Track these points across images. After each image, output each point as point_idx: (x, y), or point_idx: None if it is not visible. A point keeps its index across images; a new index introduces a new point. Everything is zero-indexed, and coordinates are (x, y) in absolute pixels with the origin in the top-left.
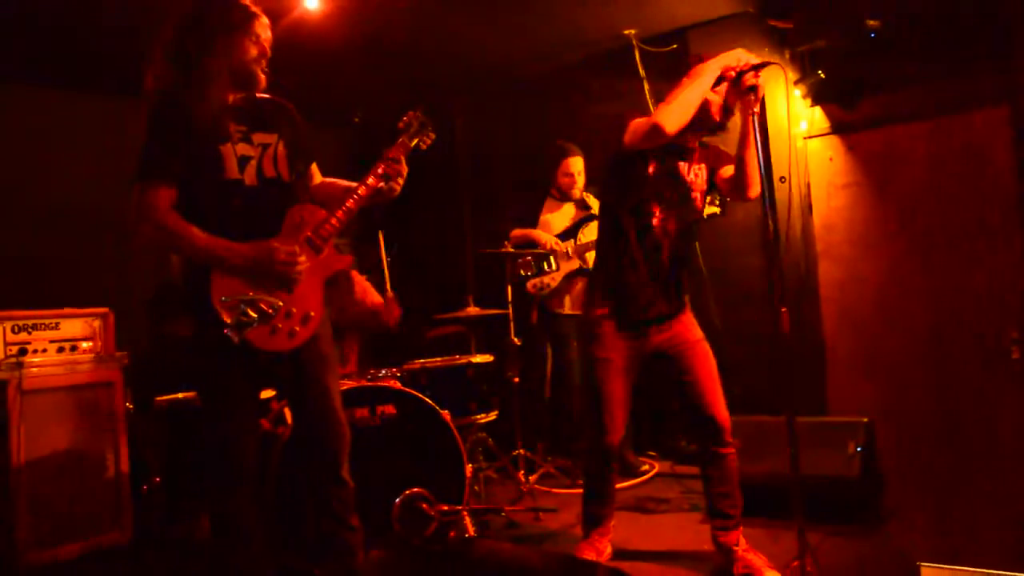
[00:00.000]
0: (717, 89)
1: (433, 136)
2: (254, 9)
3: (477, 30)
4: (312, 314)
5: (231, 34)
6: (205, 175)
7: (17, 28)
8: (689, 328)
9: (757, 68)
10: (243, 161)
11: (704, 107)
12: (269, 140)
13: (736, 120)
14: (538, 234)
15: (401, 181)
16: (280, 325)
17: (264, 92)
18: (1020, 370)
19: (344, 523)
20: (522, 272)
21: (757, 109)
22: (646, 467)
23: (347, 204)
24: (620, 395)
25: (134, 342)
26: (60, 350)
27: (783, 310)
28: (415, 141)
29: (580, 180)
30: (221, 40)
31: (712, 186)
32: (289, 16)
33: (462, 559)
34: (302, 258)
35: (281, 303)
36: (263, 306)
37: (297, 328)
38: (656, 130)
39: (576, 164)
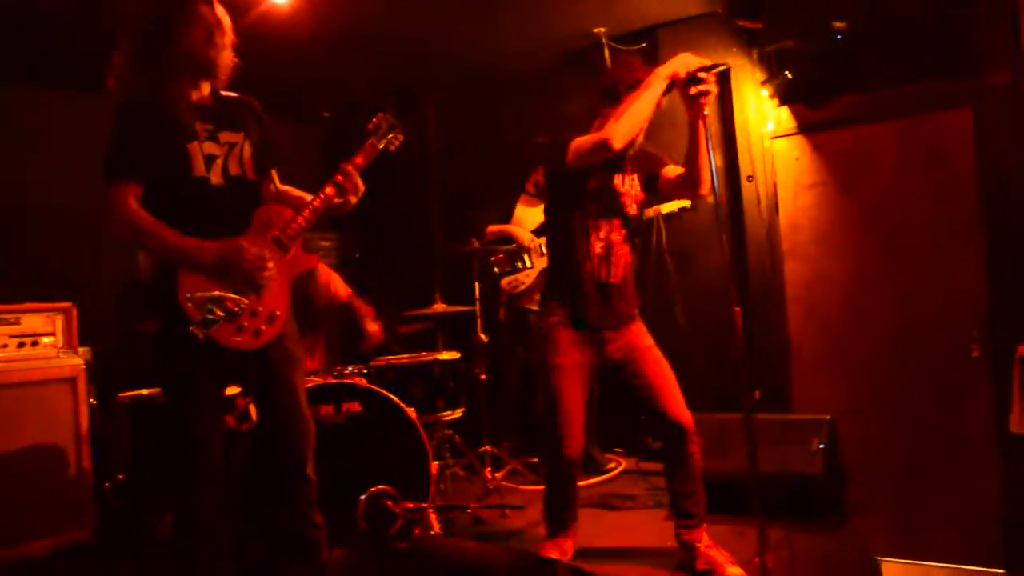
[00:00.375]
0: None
1: (402, 138)
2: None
3: (448, 26)
4: (278, 313)
5: (175, 24)
6: (172, 173)
7: None
8: (639, 335)
9: (708, 69)
10: (209, 159)
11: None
12: (235, 139)
13: (684, 118)
14: (514, 230)
15: (356, 196)
16: (246, 323)
17: (230, 88)
18: (980, 368)
19: (308, 520)
20: (496, 269)
21: (707, 111)
22: (612, 464)
23: (313, 204)
24: (577, 402)
25: (100, 338)
26: (21, 345)
27: (736, 309)
28: (383, 143)
29: None
30: (167, 31)
31: (651, 191)
32: (257, 9)
33: (425, 557)
34: (270, 261)
35: (247, 301)
36: (229, 304)
37: (263, 327)
38: (605, 145)
39: None
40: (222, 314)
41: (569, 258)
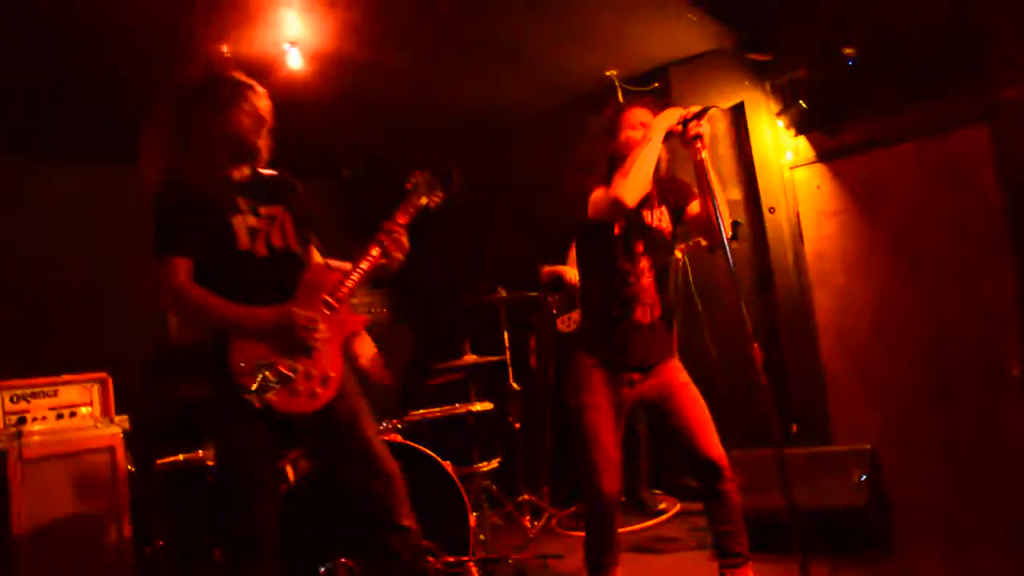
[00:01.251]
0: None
1: (441, 195)
2: (246, 80)
3: (462, 82)
4: (332, 374)
5: (224, 110)
6: (218, 247)
7: (17, 101)
8: (676, 372)
9: (698, 116)
10: (253, 233)
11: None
12: (275, 212)
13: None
14: (567, 270)
15: (402, 254)
16: (300, 387)
17: (267, 166)
18: (1020, 387)
19: (417, 570)
20: (553, 310)
21: (705, 155)
22: (664, 505)
23: (361, 265)
24: (611, 443)
25: (133, 405)
26: (59, 417)
27: (755, 346)
28: (424, 200)
29: None
30: (215, 116)
31: (679, 222)
32: (274, 76)
33: None
34: (322, 324)
35: (300, 366)
36: (283, 369)
37: (318, 389)
38: (618, 204)
39: None
40: (275, 380)
41: (600, 301)
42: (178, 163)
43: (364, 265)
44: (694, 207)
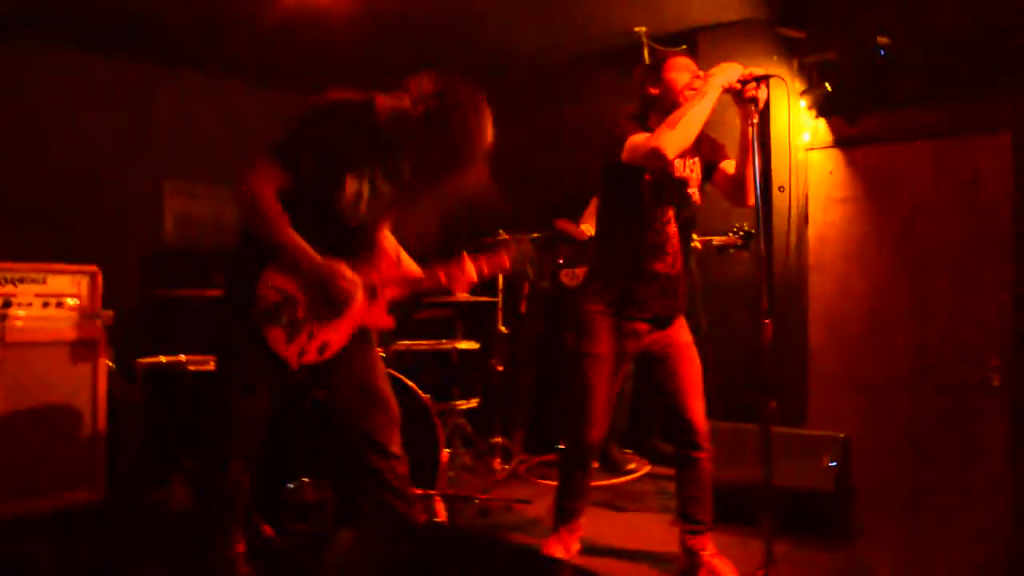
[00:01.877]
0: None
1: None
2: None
3: (488, 14)
4: (329, 346)
5: (470, 118)
6: (319, 190)
7: None
8: (680, 330)
9: (760, 80)
10: (356, 199)
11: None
12: (387, 191)
13: (736, 126)
14: (573, 227)
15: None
16: (299, 339)
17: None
18: (1000, 398)
19: (401, 496)
20: (560, 260)
21: (756, 120)
22: (633, 465)
23: (420, 282)
24: (606, 392)
25: (121, 302)
26: (45, 305)
27: (766, 322)
28: (505, 266)
29: None
30: (461, 116)
31: (709, 178)
32: None
33: (433, 543)
34: (358, 297)
35: (313, 322)
36: (296, 313)
37: (311, 352)
38: (657, 155)
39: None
40: (284, 318)
41: (621, 246)
42: (379, 108)
43: (424, 283)
44: (727, 166)
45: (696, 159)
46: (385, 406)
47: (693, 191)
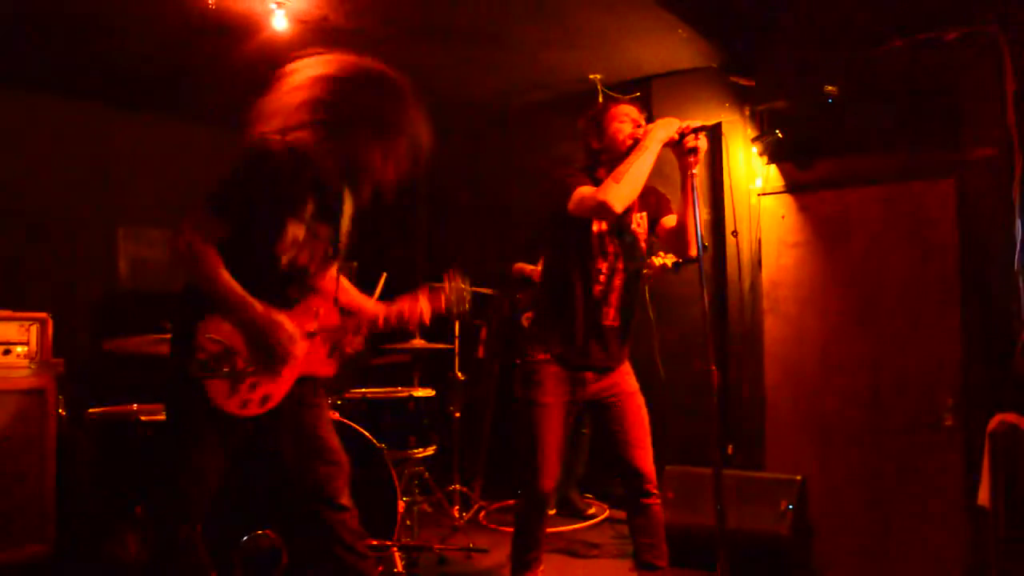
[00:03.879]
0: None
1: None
2: (411, 123)
3: (443, 62)
4: (271, 396)
5: (375, 134)
6: (257, 236)
7: None
8: (626, 379)
9: (698, 131)
10: (294, 244)
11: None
12: (324, 233)
13: (676, 176)
14: (535, 270)
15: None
16: (241, 390)
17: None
18: (953, 437)
19: (353, 549)
20: (520, 307)
21: (697, 170)
22: (592, 510)
23: (361, 328)
24: (556, 441)
25: (72, 350)
26: None
27: (713, 369)
28: (444, 307)
29: None
30: (365, 132)
31: (652, 233)
32: (258, 36)
33: None
34: (298, 353)
35: (251, 371)
36: (236, 364)
37: (253, 404)
38: (604, 209)
39: None
40: (225, 370)
41: (566, 298)
42: (298, 140)
43: (363, 330)
44: (668, 220)
45: (644, 213)
46: (333, 457)
47: (642, 244)
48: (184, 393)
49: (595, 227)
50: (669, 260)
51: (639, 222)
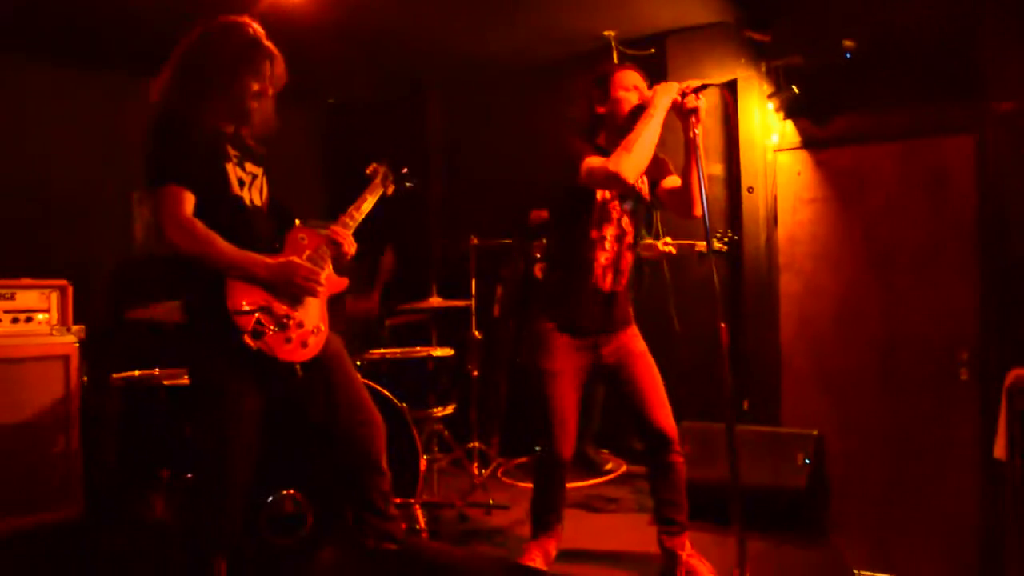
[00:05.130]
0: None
1: (394, 188)
2: (268, 46)
3: (456, 19)
4: (322, 327)
5: (237, 66)
6: (213, 190)
7: None
8: (633, 340)
9: (698, 90)
10: (240, 183)
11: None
12: (257, 172)
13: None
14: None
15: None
16: (293, 335)
17: (255, 132)
18: (969, 391)
19: (385, 514)
20: (536, 255)
21: (699, 130)
22: (609, 465)
23: (334, 239)
24: (570, 406)
25: (93, 316)
26: (15, 320)
27: (722, 325)
28: (380, 191)
29: None
30: (226, 70)
31: (652, 195)
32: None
33: (413, 561)
34: (323, 277)
35: (295, 315)
36: (279, 314)
37: (310, 340)
38: (616, 179)
39: None
40: (273, 326)
41: (571, 265)
42: (184, 100)
43: (337, 237)
44: (669, 181)
45: (643, 177)
46: (371, 417)
47: (642, 209)
48: (225, 374)
49: (599, 195)
50: (672, 248)
51: (639, 186)
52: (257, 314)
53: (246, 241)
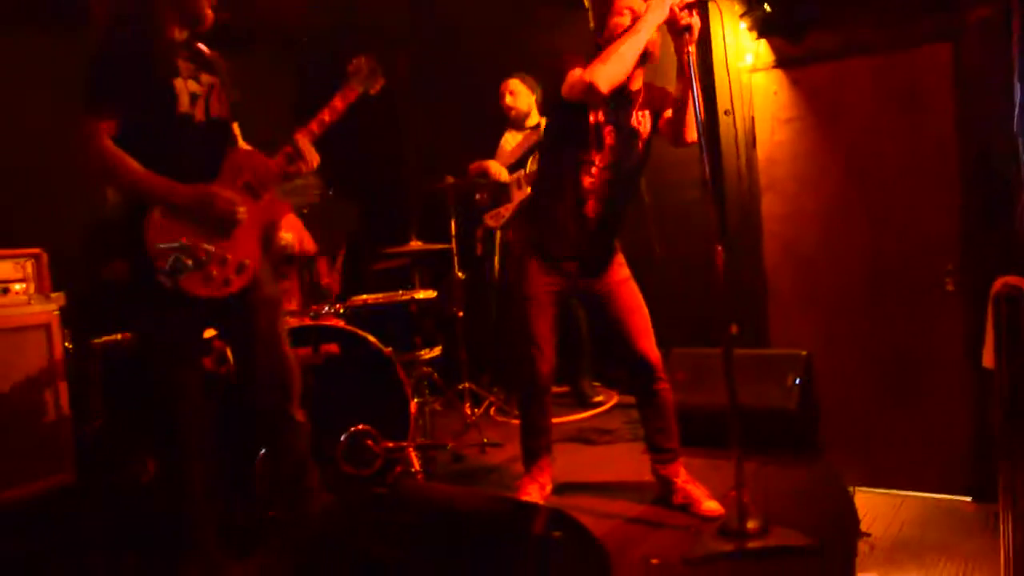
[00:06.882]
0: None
1: (383, 82)
2: None
3: None
4: (247, 262)
5: None
6: (157, 107)
7: None
8: (616, 268)
9: (691, 7)
10: (193, 97)
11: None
12: (213, 81)
13: (672, 56)
14: (490, 165)
15: (312, 162)
16: (215, 272)
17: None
18: (954, 302)
19: (299, 463)
20: (481, 206)
21: (692, 49)
22: (600, 397)
23: (286, 150)
24: (546, 330)
25: (70, 282)
26: None
27: (718, 248)
28: (363, 87)
29: (520, 103)
30: None
31: (655, 130)
32: None
33: (407, 503)
34: (242, 208)
35: (215, 249)
36: (198, 253)
37: (232, 276)
38: (591, 89)
39: (511, 85)
40: (190, 263)
41: (553, 187)
42: (127, 16)
43: (288, 150)
44: (668, 112)
45: (647, 111)
46: (283, 375)
47: (640, 143)
48: (152, 310)
49: (592, 117)
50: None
51: (640, 119)
52: (175, 252)
53: (188, 163)
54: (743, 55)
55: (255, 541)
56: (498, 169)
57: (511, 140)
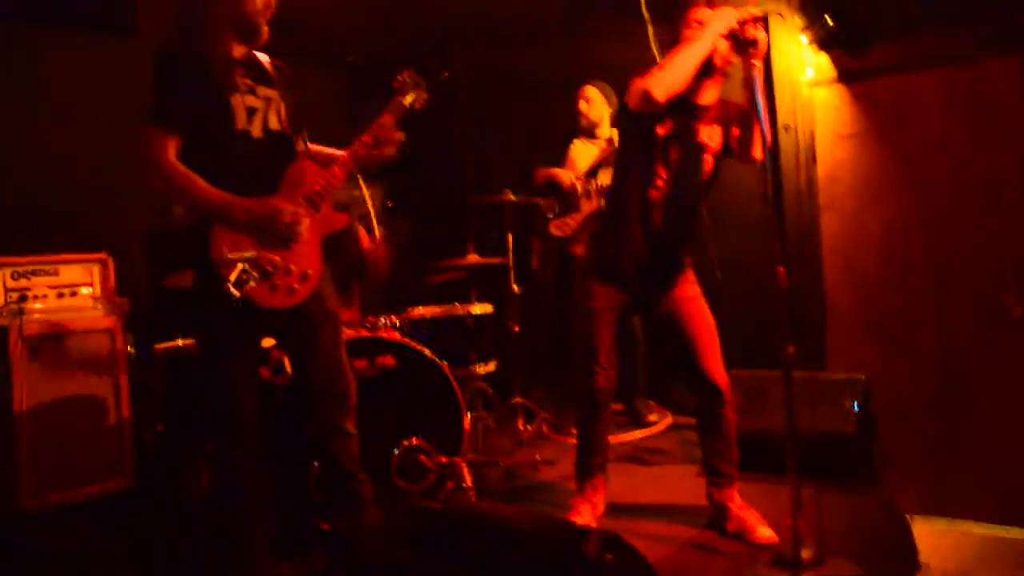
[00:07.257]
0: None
1: (427, 96)
2: None
3: None
4: (310, 272)
5: None
6: (214, 125)
7: None
8: (685, 285)
9: (757, 20)
10: (251, 112)
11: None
12: (272, 94)
13: (738, 69)
14: (561, 173)
15: (392, 147)
16: (279, 282)
17: (264, 48)
18: (1020, 329)
19: (351, 475)
20: (547, 215)
21: (759, 63)
22: (654, 416)
23: (343, 161)
24: (609, 346)
25: (133, 288)
26: (60, 296)
27: (780, 270)
28: (409, 100)
29: (593, 111)
30: None
31: (727, 148)
32: None
33: (458, 519)
34: (305, 220)
35: (280, 260)
36: (263, 263)
37: (296, 285)
38: (647, 97)
39: (587, 92)
40: (256, 274)
41: (622, 202)
42: (182, 33)
43: (346, 160)
44: (736, 130)
45: (718, 127)
46: (342, 387)
47: (708, 158)
48: (214, 319)
49: (660, 130)
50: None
51: (710, 135)
52: (241, 263)
53: (248, 179)
54: (803, 69)
55: (306, 552)
56: (569, 177)
57: (581, 148)
